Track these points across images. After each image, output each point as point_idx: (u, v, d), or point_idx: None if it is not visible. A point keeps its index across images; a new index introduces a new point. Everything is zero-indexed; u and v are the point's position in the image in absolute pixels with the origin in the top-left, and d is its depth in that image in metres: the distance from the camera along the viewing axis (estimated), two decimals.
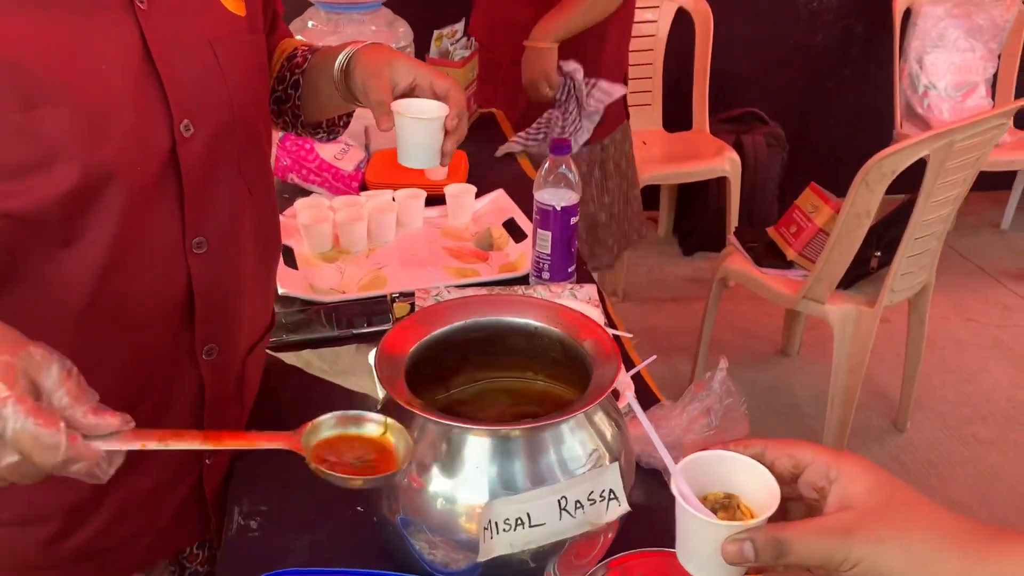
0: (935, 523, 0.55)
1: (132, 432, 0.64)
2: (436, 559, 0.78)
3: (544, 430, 0.77)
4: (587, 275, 1.46)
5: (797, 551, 0.56)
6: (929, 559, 0.53)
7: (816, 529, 0.56)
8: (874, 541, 0.54)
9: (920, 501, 0.56)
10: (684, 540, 0.62)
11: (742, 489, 0.63)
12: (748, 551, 0.57)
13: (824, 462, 0.59)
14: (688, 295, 3.14)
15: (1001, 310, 3.17)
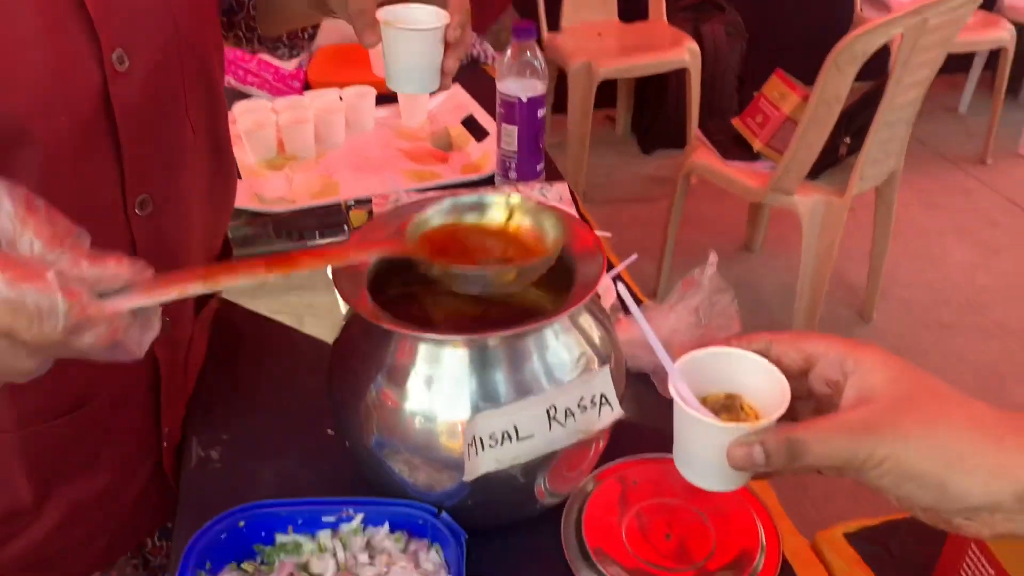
0: (967, 414, 0.48)
1: (158, 280, 0.48)
2: (418, 482, 0.72)
3: (527, 336, 0.70)
4: (557, 173, 1.37)
5: (814, 452, 0.49)
6: (963, 454, 0.46)
7: (835, 427, 0.49)
8: (901, 437, 0.47)
9: (949, 393, 0.49)
10: (684, 446, 0.55)
11: (747, 388, 0.56)
12: (758, 455, 0.50)
13: (838, 354, 0.52)
14: (650, 194, 3.08)
15: (963, 195, 3.17)
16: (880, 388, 0.50)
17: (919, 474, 0.47)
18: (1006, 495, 0.45)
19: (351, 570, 0.70)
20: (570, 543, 0.77)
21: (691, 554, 0.76)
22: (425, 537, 0.72)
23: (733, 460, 0.51)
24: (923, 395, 0.49)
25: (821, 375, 0.53)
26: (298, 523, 0.72)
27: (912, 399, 0.49)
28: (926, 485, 0.47)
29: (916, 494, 0.47)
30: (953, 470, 0.46)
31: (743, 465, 0.51)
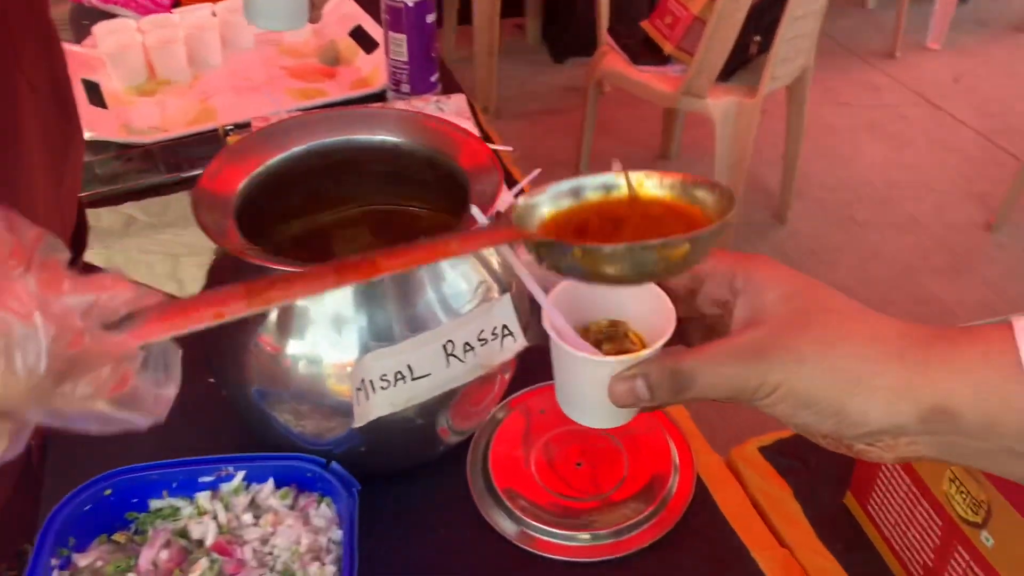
0: (867, 332, 0.43)
1: (179, 305, 0.36)
2: (305, 431, 0.66)
3: (418, 267, 0.63)
4: (455, 84, 1.28)
5: (701, 382, 0.44)
6: (862, 375, 0.41)
7: (723, 353, 0.44)
8: (794, 361, 0.42)
9: (848, 306, 0.44)
10: (564, 384, 0.49)
11: (631, 315, 0.51)
12: (641, 389, 0.45)
13: (727, 270, 0.47)
14: (564, 106, 2.99)
15: (872, 91, 3.18)
16: (772, 307, 0.44)
17: (815, 400, 0.42)
18: (910, 417, 0.41)
19: (234, 532, 0.64)
20: (477, 484, 0.73)
21: (603, 481, 0.72)
22: (315, 491, 0.66)
23: (615, 396, 0.46)
24: (818, 312, 0.44)
25: (709, 295, 0.48)
26: (173, 486, 0.66)
27: (806, 317, 0.43)
28: (823, 412, 0.42)
29: (813, 421, 0.43)
30: (852, 394, 0.41)
31: (625, 401, 0.46)
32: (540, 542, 0.69)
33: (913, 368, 0.41)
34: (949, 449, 0.42)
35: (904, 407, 0.41)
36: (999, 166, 2.76)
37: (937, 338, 0.42)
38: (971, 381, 0.40)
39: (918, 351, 0.41)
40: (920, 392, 0.41)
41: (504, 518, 0.70)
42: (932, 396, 0.40)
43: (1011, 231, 2.48)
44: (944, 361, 0.41)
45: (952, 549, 0.60)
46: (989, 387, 0.40)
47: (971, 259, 2.40)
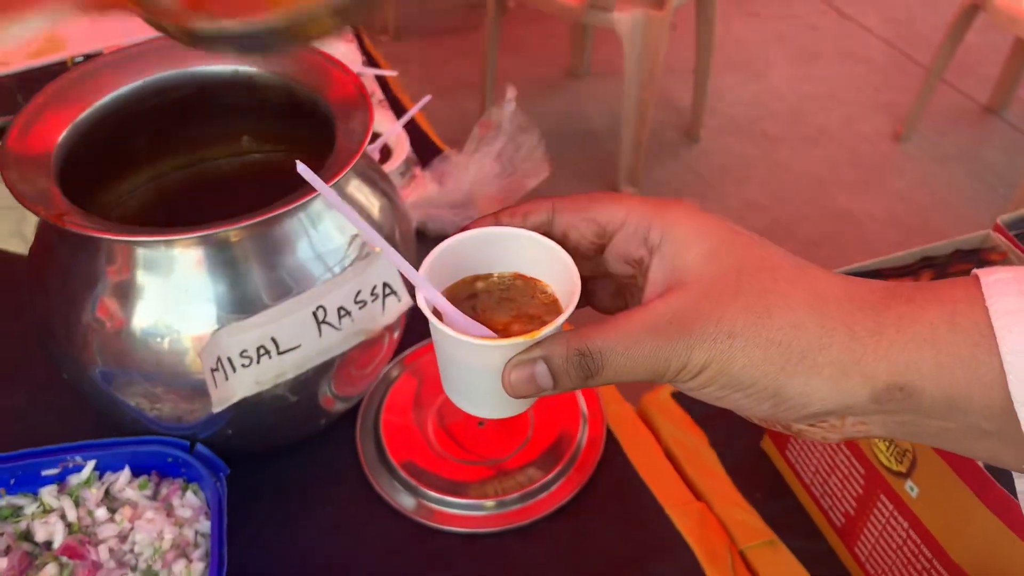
0: (808, 295, 0.35)
1: None
2: (163, 415, 0.58)
3: (278, 222, 0.55)
4: None
5: (614, 365, 0.36)
6: (805, 350, 0.35)
7: (637, 328, 0.36)
8: (724, 335, 0.35)
9: (783, 263, 0.37)
10: (448, 370, 0.41)
11: (531, 274, 0.42)
12: (543, 377, 0.37)
13: (640, 220, 0.39)
14: (469, 24, 2.86)
15: (781, 2, 3.13)
16: (695, 266, 0.37)
17: (749, 382, 0.35)
18: (860, 396, 0.34)
19: (87, 531, 0.56)
20: (369, 455, 0.66)
21: (507, 442, 0.66)
22: (178, 477, 0.58)
23: (511, 386, 0.38)
24: (750, 272, 0.36)
25: (620, 251, 0.40)
26: (11, 483, 0.57)
27: (736, 279, 0.36)
28: (758, 394, 0.35)
29: (747, 404, 0.36)
30: (793, 373, 0.35)
31: (524, 391, 0.38)
32: (440, 514, 0.63)
33: (864, 339, 0.34)
34: (904, 428, 0.35)
35: (853, 385, 0.34)
36: (906, 75, 2.76)
37: (891, 299, 0.35)
38: (933, 352, 0.34)
39: (869, 317, 0.35)
40: (873, 367, 0.34)
41: (399, 491, 0.64)
42: (887, 371, 0.34)
43: (919, 141, 2.49)
44: (901, 329, 0.34)
45: (875, 498, 0.56)
46: (954, 358, 0.33)
47: (881, 171, 2.40)
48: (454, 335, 0.37)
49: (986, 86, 2.65)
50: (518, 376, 0.37)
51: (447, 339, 0.38)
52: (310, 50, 0.64)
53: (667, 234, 0.38)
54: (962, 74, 2.71)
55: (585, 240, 0.40)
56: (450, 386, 0.42)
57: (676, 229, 0.38)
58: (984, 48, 2.75)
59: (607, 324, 0.37)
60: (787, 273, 0.36)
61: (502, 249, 0.41)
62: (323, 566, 0.60)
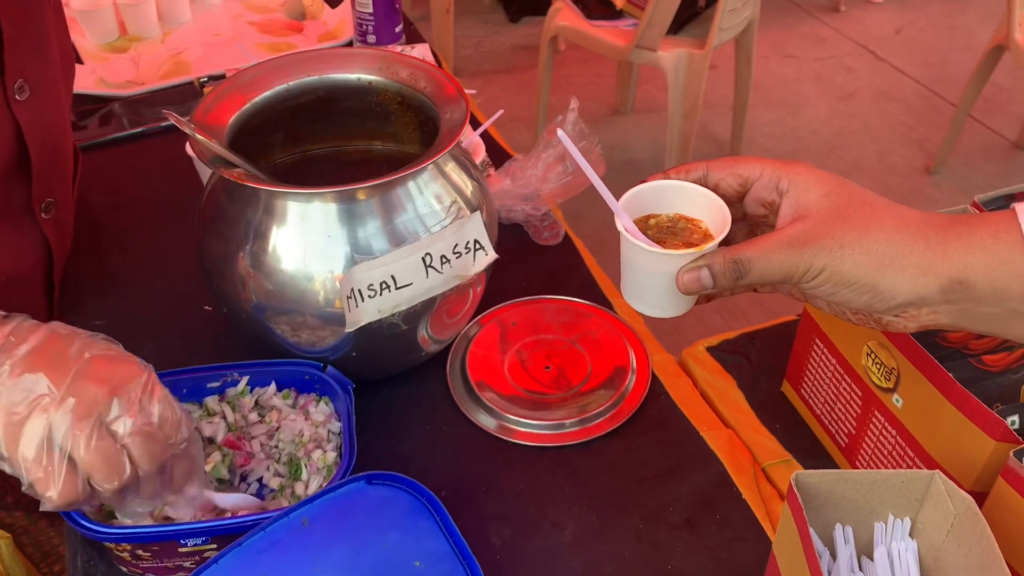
0: (895, 219, 0.50)
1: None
2: (301, 340, 0.73)
3: (395, 185, 0.71)
4: (417, 35, 1.34)
5: (758, 269, 0.52)
6: (894, 256, 0.49)
7: (776, 243, 0.51)
8: (837, 246, 0.50)
9: (878, 201, 0.52)
10: (632, 278, 0.57)
11: (690, 212, 0.59)
12: (706, 277, 0.53)
13: (773, 174, 0.54)
14: (520, 64, 3.05)
15: (817, 43, 3.28)
16: (815, 203, 0.52)
17: (854, 279, 0.50)
18: (933, 289, 0.49)
19: (242, 430, 0.71)
20: (456, 382, 0.81)
21: (569, 380, 0.81)
22: (313, 392, 0.74)
23: (683, 285, 0.53)
24: (855, 206, 0.51)
25: (757, 197, 0.55)
26: (183, 392, 0.73)
27: (845, 210, 0.51)
28: (860, 288, 0.50)
29: (851, 298, 0.51)
30: (885, 272, 0.49)
31: (693, 288, 0.53)
32: (516, 432, 0.77)
33: (936, 248, 0.49)
34: (964, 315, 0.50)
35: (928, 281, 0.49)
36: (937, 113, 2.89)
37: (953, 223, 0.50)
38: (983, 256, 0.48)
39: (939, 234, 0.49)
40: (941, 267, 0.48)
41: (482, 412, 0.79)
42: (952, 270, 0.48)
43: (948, 174, 2.61)
44: (960, 241, 0.48)
45: (870, 415, 0.69)
46: (998, 260, 0.47)
47: (911, 201, 2.52)
48: (644, 246, 0.53)
49: (1015, 124, 2.76)
50: (690, 277, 0.53)
51: (637, 250, 0.54)
52: (418, 60, 0.80)
53: (793, 182, 0.53)
54: (992, 112, 2.82)
55: (731, 189, 0.56)
56: (630, 291, 0.58)
57: (799, 178, 0.53)
58: (1015, 88, 2.87)
59: (752, 241, 0.52)
60: (881, 206, 0.51)
61: (671, 196, 0.57)
62: (421, 468, 0.75)
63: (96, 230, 0.98)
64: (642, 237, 0.55)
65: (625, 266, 0.57)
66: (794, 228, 0.51)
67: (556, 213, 1.01)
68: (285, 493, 0.68)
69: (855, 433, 0.72)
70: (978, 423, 0.59)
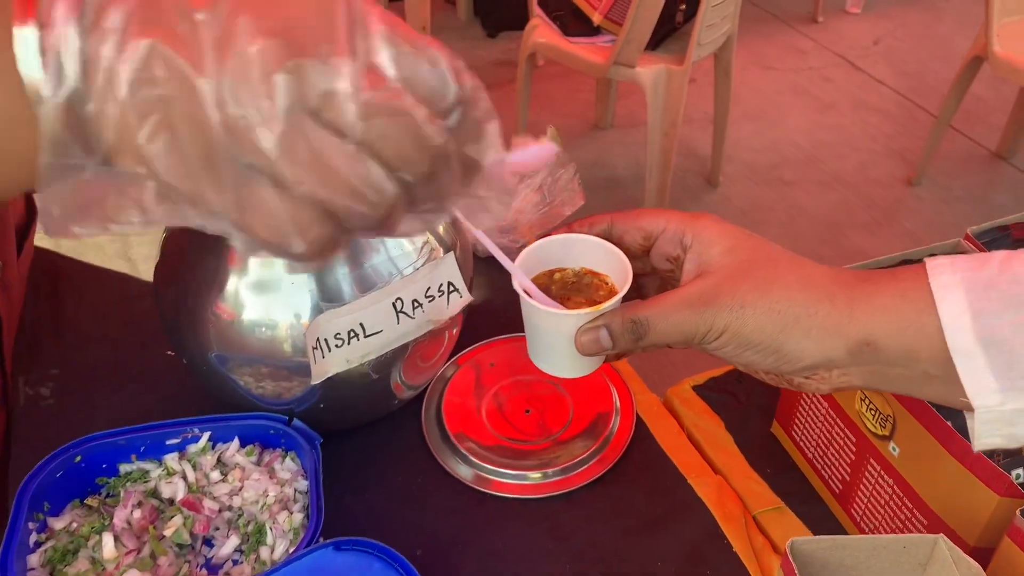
0: (799, 278, 0.47)
1: None
2: (266, 392, 0.69)
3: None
4: None
5: (657, 329, 0.49)
6: (798, 316, 0.46)
7: (675, 302, 0.49)
8: (737, 306, 0.47)
9: (782, 256, 0.49)
10: (534, 338, 0.54)
11: (594, 268, 0.56)
12: (604, 338, 0.50)
13: (677, 228, 0.51)
14: (499, 79, 3.02)
15: (796, 55, 3.27)
16: (717, 260, 0.49)
17: (757, 341, 0.47)
18: (840, 352, 0.46)
19: (203, 490, 0.67)
20: (432, 433, 0.77)
21: (550, 425, 0.77)
22: (278, 447, 0.70)
23: (582, 346, 0.51)
24: (758, 262, 0.48)
25: (662, 251, 0.53)
26: (141, 450, 0.69)
27: (748, 267, 0.48)
28: (765, 350, 0.47)
29: (756, 359, 0.48)
30: (789, 333, 0.47)
31: (592, 350, 0.51)
32: (494, 483, 0.73)
33: (841, 308, 0.46)
34: (875, 377, 0.47)
35: (835, 343, 0.46)
36: (917, 123, 2.88)
37: (861, 280, 0.47)
38: (891, 317, 0.45)
39: (844, 293, 0.46)
40: (848, 329, 0.46)
41: (459, 463, 0.75)
42: (858, 332, 0.45)
43: (929, 184, 2.60)
44: (867, 301, 0.46)
45: (865, 462, 0.66)
46: (906, 321, 0.45)
47: (893, 213, 2.51)
48: (541, 307, 0.50)
49: (995, 134, 2.76)
50: (588, 338, 0.50)
51: (536, 311, 0.51)
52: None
53: (696, 237, 0.50)
54: (972, 122, 2.82)
55: (636, 243, 0.53)
56: (534, 352, 0.55)
57: (703, 233, 0.50)
58: (993, 99, 2.87)
59: (652, 300, 0.50)
60: (784, 262, 0.49)
61: (574, 250, 0.54)
62: (394, 527, 0.71)
63: (53, 275, 0.93)
64: (541, 296, 0.52)
65: (526, 326, 0.54)
66: (694, 287, 0.49)
67: None
68: (249, 559, 0.64)
69: (849, 480, 0.69)
70: (980, 477, 0.56)
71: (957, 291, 0.43)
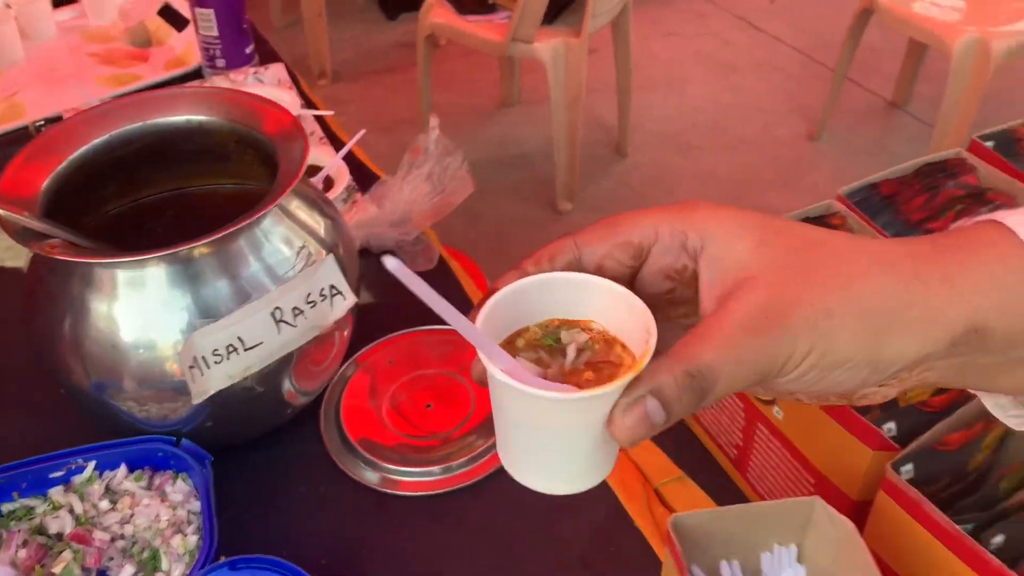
0: (872, 260, 0.35)
1: None
2: (150, 415, 0.67)
3: (234, 239, 0.65)
4: (272, 54, 1.28)
5: (726, 377, 0.34)
6: (894, 312, 0.34)
7: (734, 333, 0.34)
8: (822, 315, 0.34)
9: (830, 237, 0.36)
10: (526, 443, 0.37)
11: (584, 316, 0.39)
12: (655, 412, 0.34)
13: (672, 231, 0.38)
14: (402, 63, 2.98)
15: (696, 19, 3.31)
16: (751, 260, 0.36)
17: (849, 357, 0.35)
18: (941, 344, 0.35)
19: (92, 521, 0.65)
20: (332, 437, 0.76)
21: (452, 418, 0.77)
22: (168, 469, 0.68)
23: (626, 432, 0.34)
24: (804, 250, 0.36)
25: (658, 268, 0.38)
26: (23, 487, 0.66)
27: (798, 259, 0.35)
28: (857, 366, 0.35)
29: (844, 379, 0.36)
30: (888, 336, 0.35)
31: (639, 434, 0.34)
32: (399, 483, 0.73)
33: (937, 288, 0.35)
34: (960, 371, 0.37)
35: (938, 334, 0.35)
36: (817, 79, 2.95)
37: (941, 249, 0.36)
38: (996, 291, 0.35)
39: (934, 268, 0.35)
40: (949, 314, 0.35)
41: (363, 468, 0.74)
42: (964, 317, 0.35)
43: (830, 138, 2.66)
44: (964, 274, 0.35)
45: (754, 427, 0.68)
46: (1012, 295, 0.35)
47: (798, 169, 2.57)
48: (553, 396, 0.33)
49: (891, 83, 2.84)
50: (632, 419, 0.34)
51: (533, 404, 0.34)
52: (248, 95, 0.75)
53: (706, 236, 0.37)
54: (869, 74, 2.90)
55: (622, 266, 0.38)
56: (522, 463, 0.38)
57: (713, 228, 0.37)
58: (886, 49, 2.95)
59: (701, 339, 0.34)
60: (836, 244, 0.36)
61: (549, 295, 0.38)
62: (299, 538, 0.70)
63: None
64: (541, 383, 0.35)
65: (511, 428, 0.37)
66: (746, 303, 0.34)
67: (430, 235, 0.97)
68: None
69: (743, 446, 0.70)
70: (855, 432, 0.58)
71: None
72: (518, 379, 0.34)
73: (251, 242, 0.66)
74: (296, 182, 0.66)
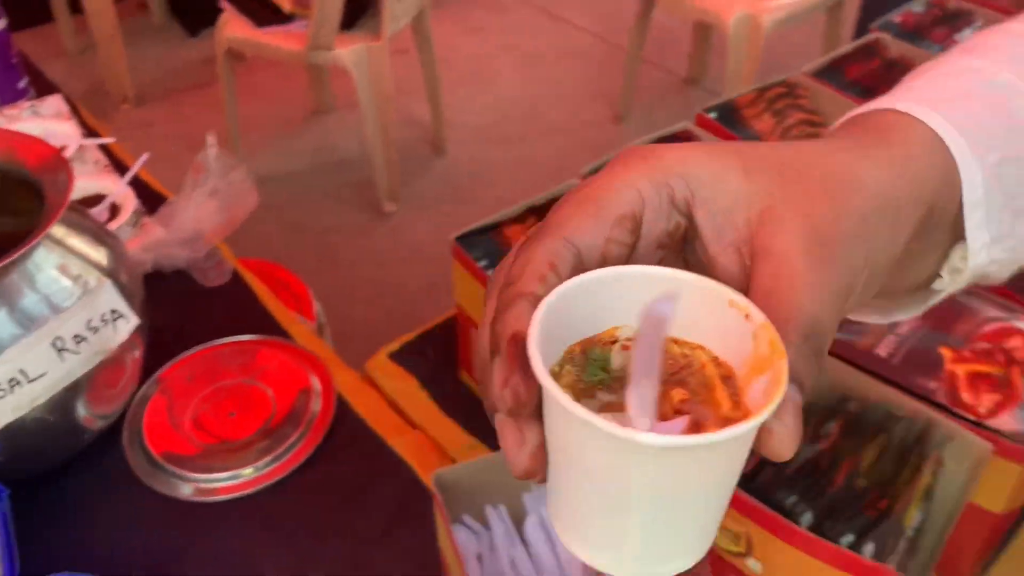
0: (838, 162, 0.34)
1: None
2: None
3: (6, 273, 0.66)
4: (50, 86, 1.25)
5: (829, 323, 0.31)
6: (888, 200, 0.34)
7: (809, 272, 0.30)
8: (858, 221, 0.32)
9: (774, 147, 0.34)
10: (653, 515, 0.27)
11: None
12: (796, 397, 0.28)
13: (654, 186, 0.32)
14: (210, 79, 2.91)
15: (500, 13, 3.41)
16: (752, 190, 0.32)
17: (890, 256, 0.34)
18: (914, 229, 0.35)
19: None
20: (136, 456, 0.78)
21: (255, 422, 0.80)
22: None
23: (792, 439, 0.28)
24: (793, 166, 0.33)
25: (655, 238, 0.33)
26: None
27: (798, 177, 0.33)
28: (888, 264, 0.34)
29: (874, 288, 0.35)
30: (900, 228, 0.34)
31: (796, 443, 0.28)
32: (210, 490, 0.76)
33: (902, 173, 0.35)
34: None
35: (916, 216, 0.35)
36: (617, 63, 3.11)
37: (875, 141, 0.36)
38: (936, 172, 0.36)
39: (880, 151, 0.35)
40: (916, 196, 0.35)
41: (171, 482, 0.76)
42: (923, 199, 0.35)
43: (633, 120, 2.83)
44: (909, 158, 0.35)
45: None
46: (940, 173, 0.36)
47: (607, 150, 2.70)
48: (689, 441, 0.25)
49: (684, 60, 3.03)
50: (792, 416, 0.28)
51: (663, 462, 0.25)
52: (5, 133, 0.75)
53: (690, 180, 0.33)
54: (664, 53, 3.08)
55: (623, 247, 0.32)
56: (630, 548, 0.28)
57: (695, 171, 0.33)
58: (679, 27, 3.15)
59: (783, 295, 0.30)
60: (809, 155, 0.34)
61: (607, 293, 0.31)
62: (110, 559, 0.71)
63: None
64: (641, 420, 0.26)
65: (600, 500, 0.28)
66: (792, 238, 0.31)
67: (222, 249, 0.99)
68: None
69: None
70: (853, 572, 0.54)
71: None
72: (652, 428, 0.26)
73: (24, 275, 0.68)
74: (62, 212, 0.67)
